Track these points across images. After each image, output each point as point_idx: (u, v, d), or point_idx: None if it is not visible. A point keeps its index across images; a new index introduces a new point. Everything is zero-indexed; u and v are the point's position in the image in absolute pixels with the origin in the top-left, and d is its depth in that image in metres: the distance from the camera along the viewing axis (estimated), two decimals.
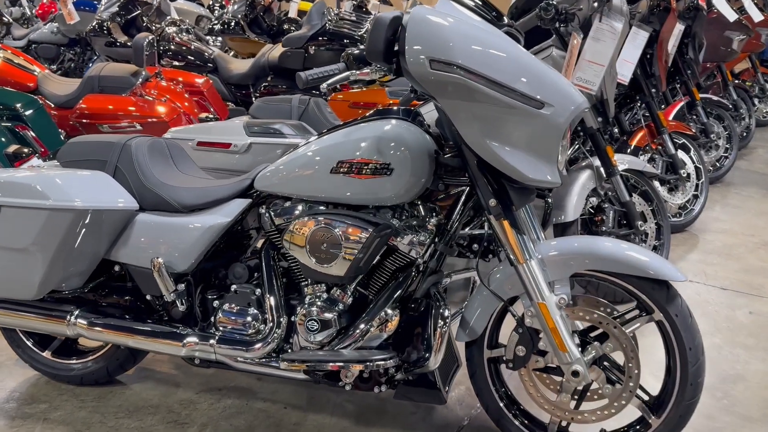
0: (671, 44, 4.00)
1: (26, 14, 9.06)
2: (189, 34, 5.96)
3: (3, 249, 2.14)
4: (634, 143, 3.96)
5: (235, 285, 2.20)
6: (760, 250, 4.03)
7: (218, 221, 2.14)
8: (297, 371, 2.07)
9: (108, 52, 6.15)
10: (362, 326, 2.02)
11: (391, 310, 2.00)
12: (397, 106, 2.08)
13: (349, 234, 1.96)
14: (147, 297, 2.27)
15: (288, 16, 7.35)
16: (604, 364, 2.03)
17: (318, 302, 2.07)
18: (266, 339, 2.10)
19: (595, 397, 2.06)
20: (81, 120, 4.38)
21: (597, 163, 3.12)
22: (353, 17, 5.74)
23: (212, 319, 2.21)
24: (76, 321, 2.25)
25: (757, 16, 5.98)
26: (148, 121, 4.31)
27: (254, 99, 5.60)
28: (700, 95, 4.96)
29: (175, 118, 4.34)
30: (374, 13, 5.39)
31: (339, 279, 2.01)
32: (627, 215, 3.18)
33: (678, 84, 4.80)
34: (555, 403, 2.07)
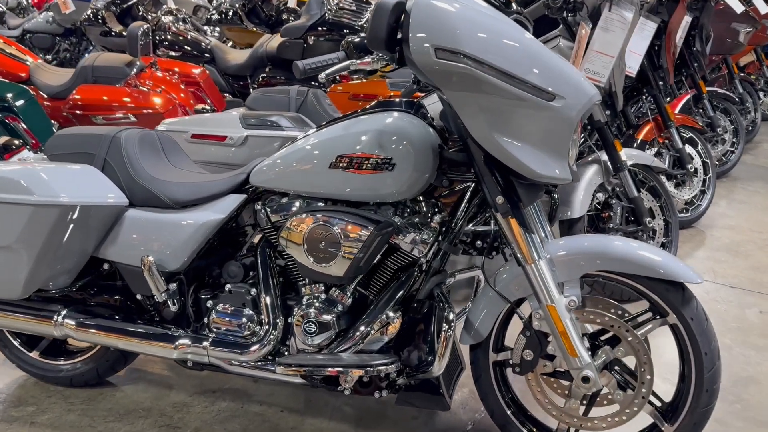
0: (678, 36, 3.91)
1: (22, 3, 8.91)
2: (185, 24, 5.87)
3: None
4: (641, 137, 3.87)
5: (230, 284, 2.11)
6: None
7: (212, 218, 2.05)
8: (294, 375, 1.98)
9: (103, 42, 6.06)
10: (362, 328, 1.93)
11: (393, 312, 1.91)
12: (399, 98, 1.99)
13: (349, 232, 1.87)
14: (137, 296, 2.17)
15: (287, 6, 7.23)
16: (615, 369, 1.94)
17: (316, 303, 1.98)
18: (262, 341, 2.00)
19: (605, 403, 1.98)
20: (74, 111, 4.31)
21: (604, 158, 3.03)
22: (353, 7, 5.62)
23: (205, 320, 2.12)
24: (64, 321, 2.16)
25: (764, 8, 5.87)
26: (143, 113, 4.24)
27: (252, 90, 5.52)
28: (706, 88, 4.87)
29: (171, 110, 4.27)
30: (374, 2, 5.28)
31: (338, 279, 1.92)
32: (635, 211, 3.09)
33: (684, 77, 4.70)
34: (563, 409, 1.99)
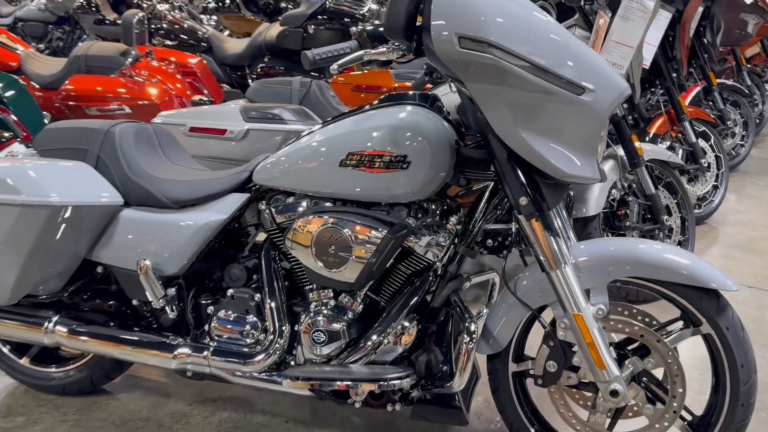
0: (691, 26, 3.79)
1: None
2: (182, 12, 5.76)
3: None
4: (653, 131, 3.75)
5: (232, 289, 1.98)
6: None
7: (213, 218, 1.92)
8: (301, 388, 1.85)
9: (96, 31, 5.93)
10: (374, 338, 1.80)
11: (408, 321, 1.79)
12: (411, 91, 1.87)
13: (361, 235, 1.74)
14: (133, 302, 2.04)
15: None
16: (643, 380, 1.83)
17: (324, 310, 1.86)
18: (267, 351, 1.88)
19: (630, 414, 1.86)
20: (67, 102, 4.18)
21: (620, 153, 2.90)
22: None
23: (206, 327, 1.99)
24: (55, 328, 2.03)
25: None
26: (138, 104, 4.12)
27: (250, 80, 5.40)
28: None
29: (167, 101, 4.15)
30: None
31: (348, 285, 1.80)
32: (652, 209, 2.97)
33: (693, 68, 4.58)
34: (587, 423, 1.87)
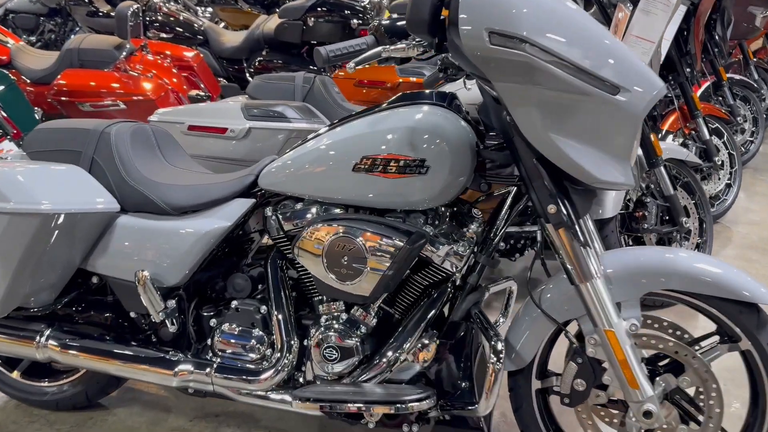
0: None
1: None
2: (177, 4, 5.62)
3: None
4: (666, 127, 3.63)
5: (236, 300, 1.86)
6: None
7: (216, 226, 1.80)
8: (311, 410, 1.73)
9: (89, 23, 5.80)
10: (390, 354, 1.68)
11: (427, 337, 1.67)
12: (425, 89, 1.75)
13: (377, 245, 1.62)
14: (131, 314, 1.92)
15: None
16: (675, 398, 1.71)
17: (336, 325, 1.74)
18: (275, 367, 1.76)
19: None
20: (59, 97, 4.06)
21: (638, 152, 2.78)
22: None
23: (209, 342, 1.87)
24: (47, 343, 1.90)
25: None
26: (133, 99, 4.00)
27: (248, 74, 5.26)
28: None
29: (163, 96, 4.03)
30: None
31: (363, 299, 1.68)
32: (670, 210, 2.85)
33: (703, 62, 4.46)
34: None
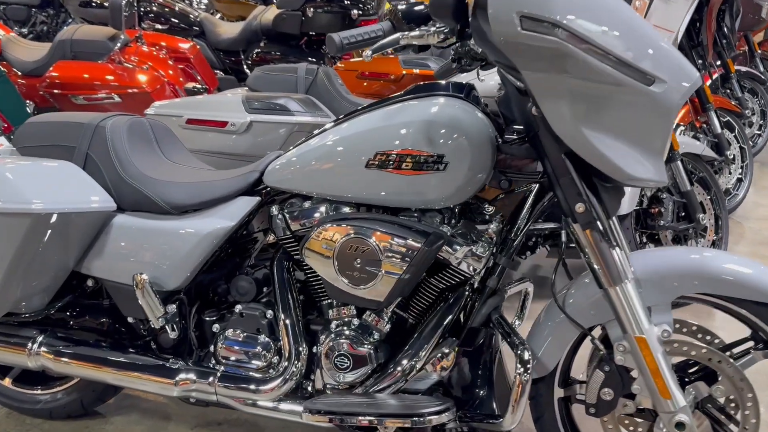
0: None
1: None
2: None
3: None
4: (677, 120, 3.54)
5: (240, 304, 1.75)
6: None
7: (219, 225, 1.69)
8: (322, 422, 1.63)
9: (83, 14, 5.68)
10: (405, 362, 1.58)
11: (446, 346, 1.56)
12: (440, 80, 1.64)
13: (391, 246, 1.52)
14: (129, 320, 1.82)
15: None
16: (707, 407, 1.62)
17: (347, 331, 1.64)
18: (282, 376, 1.66)
19: None
20: (51, 90, 3.95)
21: None
22: None
23: (211, 348, 1.77)
24: (40, 350, 1.80)
25: None
26: (128, 92, 3.89)
27: (245, 66, 5.15)
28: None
29: (159, 89, 3.93)
30: None
31: (377, 304, 1.58)
32: (686, 206, 2.76)
33: None
34: None
